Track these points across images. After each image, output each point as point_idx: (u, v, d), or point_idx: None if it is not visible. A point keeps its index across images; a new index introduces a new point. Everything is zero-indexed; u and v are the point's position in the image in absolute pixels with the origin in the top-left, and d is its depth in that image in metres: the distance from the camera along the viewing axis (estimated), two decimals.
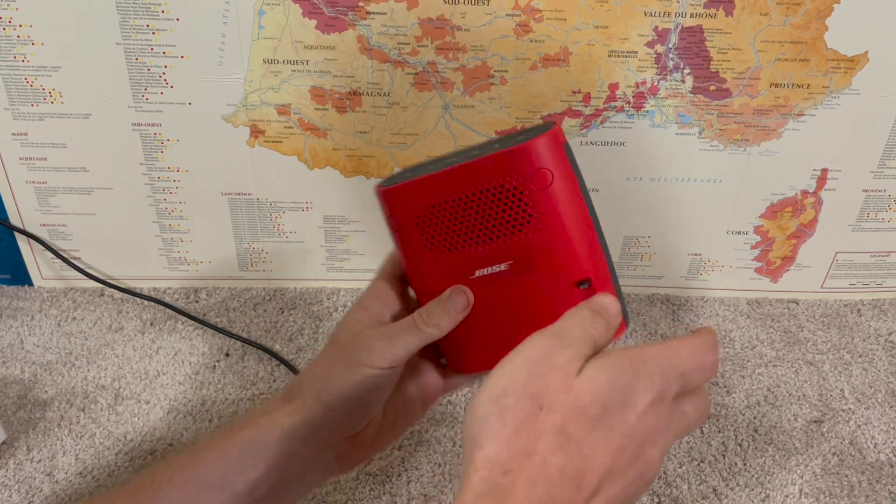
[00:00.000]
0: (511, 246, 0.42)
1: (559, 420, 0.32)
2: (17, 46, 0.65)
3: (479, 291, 0.44)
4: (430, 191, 0.43)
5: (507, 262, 0.43)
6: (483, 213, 0.42)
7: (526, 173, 0.40)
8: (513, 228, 0.42)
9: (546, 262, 0.42)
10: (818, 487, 0.62)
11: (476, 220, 0.42)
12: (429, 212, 0.44)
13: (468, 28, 0.65)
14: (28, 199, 0.75)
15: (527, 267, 0.42)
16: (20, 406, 0.66)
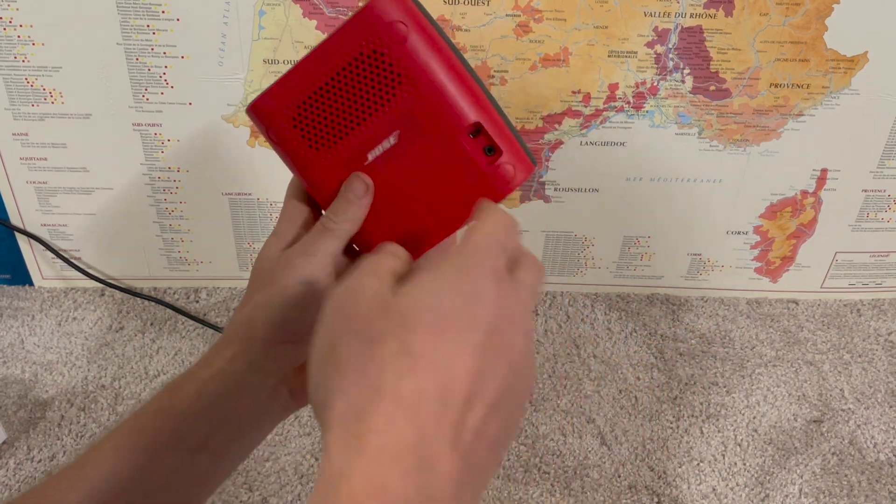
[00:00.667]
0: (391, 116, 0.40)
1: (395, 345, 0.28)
2: (17, 46, 0.65)
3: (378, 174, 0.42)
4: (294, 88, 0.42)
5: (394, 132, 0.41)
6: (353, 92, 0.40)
7: (379, 32, 0.39)
8: (386, 96, 0.40)
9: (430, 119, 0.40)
10: (818, 487, 0.62)
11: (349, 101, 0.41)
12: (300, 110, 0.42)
13: (468, 28, 0.65)
14: (28, 199, 0.75)
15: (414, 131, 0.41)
16: (21, 406, 0.67)
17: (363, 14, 0.39)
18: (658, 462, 0.63)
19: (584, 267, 0.81)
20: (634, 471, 0.62)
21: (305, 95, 0.41)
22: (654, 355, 0.74)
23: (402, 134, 0.41)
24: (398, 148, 0.41)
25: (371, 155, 0.42)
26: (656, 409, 0.68)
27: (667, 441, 0.65)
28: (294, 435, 0.65)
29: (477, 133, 0.40)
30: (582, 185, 0.75)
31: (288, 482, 0.61)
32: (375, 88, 0.40)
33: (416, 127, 0.41)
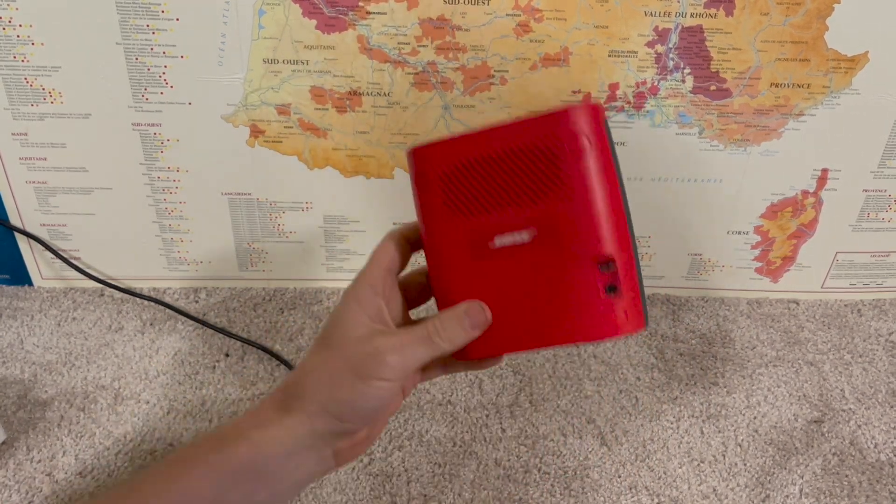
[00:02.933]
0: (535, 213, 0.41)
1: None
2: (17, 46, 0.65)
3: (496, 262, 0.42)
4: (461, 150, 0.42)
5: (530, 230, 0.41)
6: (512, 176, 0.41)
7: (563, 136, 0.39)
8: (540, 194, 0.40)
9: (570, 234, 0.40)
10: (818, 487, 0.62)
11: (504, 183, 0.41)
12: (456, 171, 0.43)
13: (468, 28, 0.65)
14: (28, 199, 0.75)
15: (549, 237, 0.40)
16: (20, 406, 0.66)
17: (557, 115, 0.40)
18: (658, 462, 0.63)
19: None
20: (634, 471, 0.62)
21: (467, 160, 0.42)
22: (655, 355, 0.74)
23: (538, 235, 0.41)
24: (527, 246, 0.41)
25: (499, 241, 0.42)
26: (657, 410, 0.68)
27: (667, 441, 0.65)
28: None
29: (608, 267, 0.40)
30: None
31: None
32: (534, 183, 0.40)
33: (554, 234, 0.40)
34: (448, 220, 0.43)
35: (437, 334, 0.42)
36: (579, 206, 0.40)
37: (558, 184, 0.40)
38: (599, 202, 0.40)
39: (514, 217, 0.41)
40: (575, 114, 0.39)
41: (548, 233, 0.40)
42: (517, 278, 0.41)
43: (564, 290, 0.40)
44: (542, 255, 0.41)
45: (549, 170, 0.40)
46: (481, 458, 0.63)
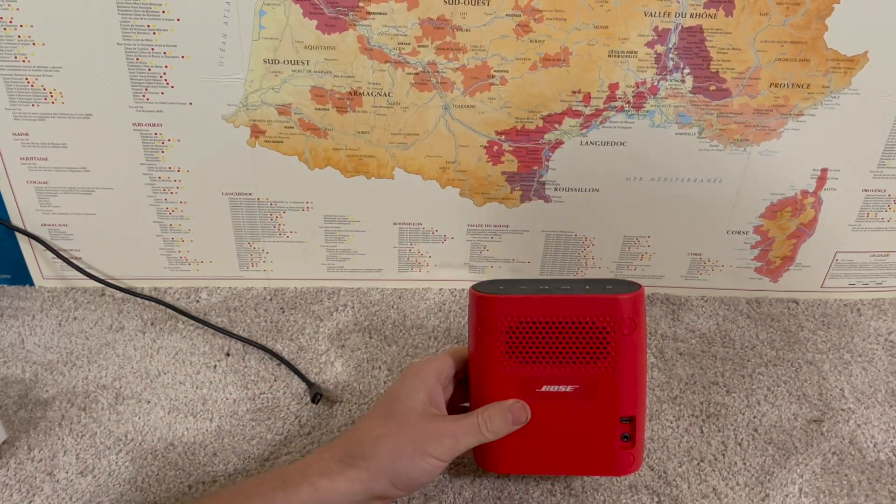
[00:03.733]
0: (582, 373, 0.50)
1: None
2: (17, 46, 0.65)
3: (538, 404, 0.51)
4: (526, 308, 0.51)
5: (574, 385, 0.50)
6: (569, 341, 0.50)
7: (618, 318, 0.49)
8: (589, 359, 0.50)
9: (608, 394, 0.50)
10: (818, 487, 0.62)
11: (559, 343, 0.50)
12: (520, 325, 0.51)
13: (468, 28, 0.65)
14: (29, 199, 0.75)
15: (589, 393, 0.50)
16: (21, 405, 0.67)
17: (619, 300, 0.50)
18: (658, 462, 0.63)
19: (584, 266, 0.81)
20: None
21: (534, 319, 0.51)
22: (655, 355, 0.74)
23: (579, 390, 0.51)
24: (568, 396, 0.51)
25: (545, 388, 0.51)
26: (656, 409, 0.68)
27: (667, 440, 0.65)
28: (294, 435, 0.65)
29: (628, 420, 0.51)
30: (582, 185, 0.75)
31: None
32: (586, 349, 0.50)
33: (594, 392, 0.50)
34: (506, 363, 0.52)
35: (484, 426, 0.51)
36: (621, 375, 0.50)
37: (605, 353, 0.50)
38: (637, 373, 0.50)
39: (563, 373, 0.50)
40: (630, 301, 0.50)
41: (589, 390, 0.50)
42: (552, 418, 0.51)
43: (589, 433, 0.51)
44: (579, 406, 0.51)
45: (601, 342, 0.50)
46: None
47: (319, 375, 0.71)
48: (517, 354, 0.51)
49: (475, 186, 0.75)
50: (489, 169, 0.74)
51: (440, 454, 0.49)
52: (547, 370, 0.51)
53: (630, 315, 0.49)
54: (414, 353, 0.73)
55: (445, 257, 0.80)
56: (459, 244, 0.79)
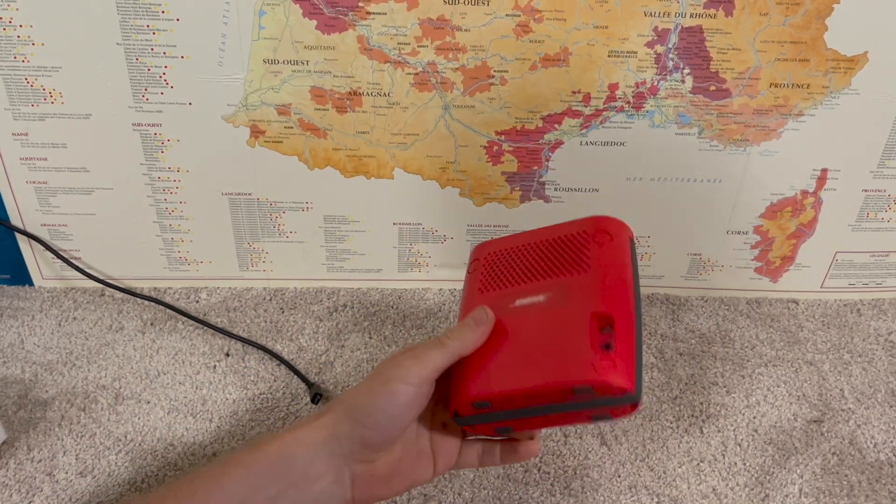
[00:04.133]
0: (555, 283, 0.47)
1: None
2: (17, 47, 0.65)
3: (511, 317, 0.47)
4: (506, 244, 0.51)
5: (547, 293, 0.47)
6: (544, 257, 0.49)
7: (592, 231, 0.49)
8: (563, 269, 0.48)
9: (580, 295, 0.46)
10: (818, 487, 0.62)
11: (535, 263, 0.49)
12: (499, 256, 0.51)
13: (468, 28, 0.65)
14: (28, 200, 0.75)
15: (562, 298, 0.46)
16: (21, 406, 0.67)
17: (592, 218, 0.49)
18: (658, 462, 0.63)
19: None
20: (634, 471, 0.62)
21: (509, 247, 0.51)
22: (654, 355, 0.74)
23: (552, 296, 0.47)
24: (541, 304, 0.47)
25: (519, 302, 0.48)
26: (656, 409, 0.68)
27: (667, 441, 0.65)
28: None
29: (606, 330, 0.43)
30: (582, 185, 0.75)
31: None
32: (560, 262, 0.48)
33: (565, 296, 0.46)
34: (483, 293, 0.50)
35: (446, 336, 0.46)
36: (591, 275, 0.46)
37: (578, 262, 0.47)
38: (608, 274, 0.46)
39: (536, 287, 0.48)
40: (606, 219, 0.49)
41: (561, 294, 0.46)
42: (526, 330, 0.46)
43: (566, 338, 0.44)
44: (552, 311, 0.46)
45: (574, 252, 0.48)
46: None
47: (319, 375, 0.71)
48: (491, 282, 0.50)
49: (475, 186, 0.75)
50: (489, 169, 0.73)
51: (403, 376, 0.44)
52: (519, 288, 0.48)
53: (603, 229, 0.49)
54: None
55: (445, 257, 0.80)
56: (459, 244, 0.79)
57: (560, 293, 0.46)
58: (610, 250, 0.47)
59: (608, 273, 0.46)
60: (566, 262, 0.48)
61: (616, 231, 0.49)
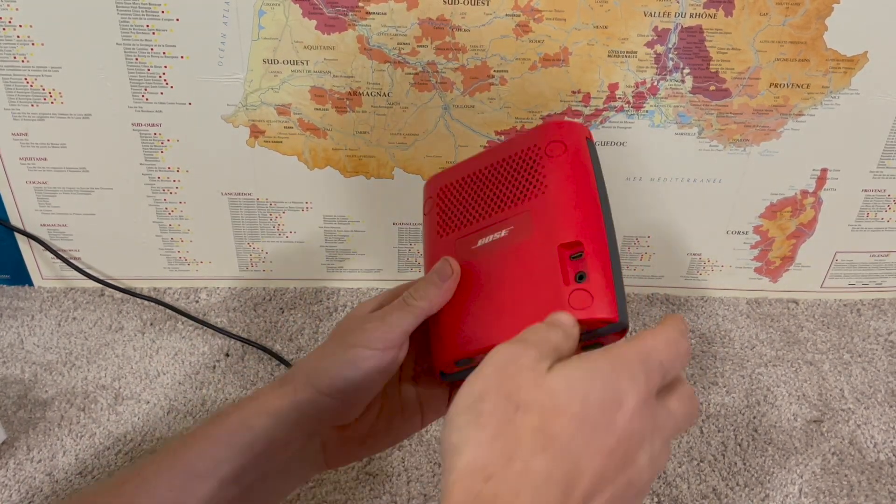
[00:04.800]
0: (513, 212, 0.43)
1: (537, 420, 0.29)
2: (17, 47, 0.65)
3: (477, 260, 0.43)
4: (457, 172, 0.46)
5: (508, 228, 0.43)
6: (497, 183, 0.44)
7: (543, 143, 0.43)
8: (520, 195, 0.43)
9: (542, 223, 0.41)
10: (818, 487, 0.62)
11: (489, 192, 0.44)
12: (449, 191, 0.46)
13: (468, 28, 0.65)
14: (28, 200, 0.75)
15: (524, 230, 0.42)
16: (20, 406, 0.67)
17: (540, 127, 0.44)
18: None
19: None
20: None
21: (460, 177, 0.46)
22: None
23: (514, 229, 0.43)
24: (504, 240, 0.43)
25: (480, 242, 0.44)
26: None
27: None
28: None
29: (577, 257, 0.40)
30: None
31: None
32: (514, 186, 0.43)
33: (527, 226, 0.42)
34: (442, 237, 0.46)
35: (410, 296, 0.43)
36: (551, 197, 0.42)
37: (535, 183, 0.43)
38: (569, 193, 0.42)
39: (496, 220, 0.43)
40: (555, 125, 0.44)
41: (522, 226, 0.42)
42: (495, 274, 0.42)
43: (537, 277, 0.41)
44: (517, 247, 0.42)
45: (529, 172, 0.43)
46: None
47: None
48: (449, 222, 0.46)
49: None
50: None
51: (366, 341, 0.41)
52: (479, 224, 0.44)
53: (555, 139, 0.43)
54: None
55: None
56: None
57: (521, 224, 0.42)
58: (566, 162, 0.42)
59: (568, 191, 0.42)
60: (521, 186, 0.43)
61: (570, 137, 0.43)
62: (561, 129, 0.44)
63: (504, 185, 0.44)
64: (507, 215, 0.43)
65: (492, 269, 0.42)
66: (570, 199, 0.41)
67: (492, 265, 0.43)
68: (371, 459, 0.63)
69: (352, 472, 0.62)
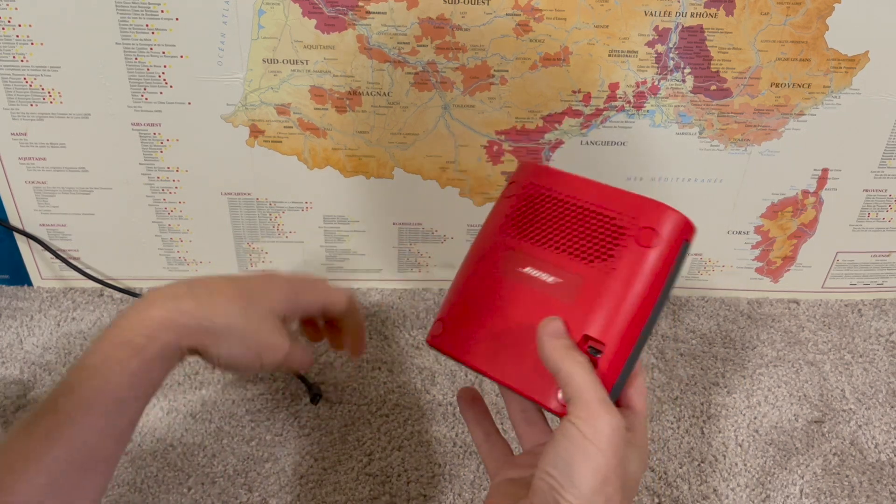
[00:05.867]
0: (572, 267, 0.42)
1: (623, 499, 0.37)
2: (16, 46, 0.65)
3: (512, 285, 0.43)
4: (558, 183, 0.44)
5: (557, 279, 0.42)
6: (577, 226, 0.42)
7: (641, 223, 0.41)
8: (588, 255, 0.42)
9: (585, 301, 0.40)
10: (819, 488, 0.62)
11: (566, 227, 0.43)
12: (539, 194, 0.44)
13: (468, 27, 0.65)
14: (27, 199, 0.74)
15: (568, 294, 0.41)
16: (19, 406, 0.66)
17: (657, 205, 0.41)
18: (658, 462, 0.63)
19: None
20: None
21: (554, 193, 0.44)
22: (655, 355, 0.74)
23: (560, 285, 0.42)
24: (546, 286, 0.42)
25: (528, 270, 0.43)
26: (657, 410, 0.68)
27: (667, 441, 0.65)
28: (293, 436, 0.65)
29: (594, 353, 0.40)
30: None
31: (287, 483, 0.61)
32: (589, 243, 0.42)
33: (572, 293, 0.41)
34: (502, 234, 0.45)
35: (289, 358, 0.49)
36: (609, 282, 0.40)
37: (607, 256, 0.41)
38: (626, 293, 0.40)
39: (553, 262, 0.42)
40: (668, 212, 0.41)
41: (569, 287, 0.41)
42: (521, 309, 0.42)
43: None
44: (551, 303, 0.41)
45: (609, 241, 0.41)
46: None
47: (319, 376, 0.70)
48: (517, 225, 0.44)
49: (475, 186, 0.75)
50: (489, 169, 0.73)
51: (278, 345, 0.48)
52: (538, 252, 0.43)
53: (653, 225, 0.40)
54: (414, 353, 0.73)
55: (445, 257, 0.80)
56: (459, 244, 0.79)
57: (569, 284, 0.41)
58: (649, 259, 0.40)
59: (626, 289, 0.40)
60: (593, 247, 0.42)
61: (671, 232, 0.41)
62: (665, 217, 0.41)
63: (581, 234, 0.42)
64: (565, 265, 0.42)
65: (520, 301, 0.42)
66: (623, 298, 0.40)
67: (523, 298, 0.42)
68: (371, 460, 0.63)
69: (351, 472, 0.62)
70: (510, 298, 0.43)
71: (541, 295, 0.42)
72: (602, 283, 0.40)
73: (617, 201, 0.42)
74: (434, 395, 0.69)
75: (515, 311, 0.42)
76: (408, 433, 0.65)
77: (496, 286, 0.44)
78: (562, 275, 0.42)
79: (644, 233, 0.40)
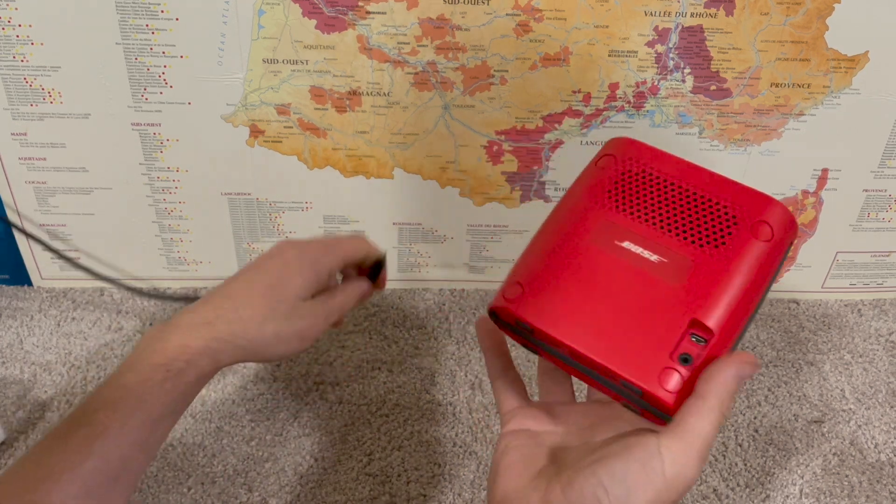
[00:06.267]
0: (679, 249, 0.40)
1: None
2: (16, 46, 0.65)
3: (605, 258, 0.40)
4: (664, 163, 0.43)
5: (661, 258, 0.40)
6: (687, 211, 0.41)
7: (756, 217, 0.40)
8: (697, 239, 0.40)
9: (700, 285, 0.38)
10: (818, 488, 0.62)
11: (674, 212, 0.41)
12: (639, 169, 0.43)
13: (468, 28, 0.65)
14: (27, 199, 0.74)
15: (672, 274, 0.39)
16: (20, 406, 0.66)
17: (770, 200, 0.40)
18: None
19: None
20: None
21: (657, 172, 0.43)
22: None
23: (665, 264, 0.40)
24: (649, 264, 0.40)
25: (628, 245, 0.41)
26: None
27: None
28: (293, 435, 0.65)
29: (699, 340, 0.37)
30: None
31: (287, 483, 0.61)
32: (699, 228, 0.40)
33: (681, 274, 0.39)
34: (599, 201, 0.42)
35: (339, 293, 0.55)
36: (722, 270, 0.39)
37: (719, 243, 0.39)
38: (740, 283, 0.38)
39: (657, 239, 0.40)
40: (781, 207, 0.40)
41: (676, 269, 0.39)
42: (617, 283, 0.40)
43: (650, 325, 0.38)
44: (655, 282, 0.39)
45: (723, 228, 0.40)
46: (481, 458, 0.63)
47: (319, 375, 0.70)
48: (611, 200, 0.42)
49: (475, 186, 0.75)
50: (489, 169, 0.73)
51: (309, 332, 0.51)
52: (640, 228, 0.41)
53: (768, 220, 0.39)
54: (414, 353, 0.73)
55: (445, 257, 0.80)
56: (459, 244, 0.79)
57: (677, 265, 0.39)
58: (761, 253, 0.39)
59: (740, 279, 0.38)
60: (705, 233, 0.40)
61: (783, 231, 0.40)
62: (780, 214, 0.40)
63: (689, 218, 0.41)
64: (671, 245, 0.40)
65: (618, 276, 0.40)
66: (737, 289, 0.38)
67: (621, 273, 0.40)
68: (371, 460, 0.63)
69: (351, 472, 0.62)
70: (607, 272, 0.40)
71: (643, 272, 0.39)
72: (715, 269, 0.39)
73: (729, 190, 0.41)
74: (434, 395, 0.69)
75: (613, 286, 0.40)
76: (408, 433, 0.65)
77: (589, 256, 0.41)
78: (667, 255, 0.40)
79: (760, 226, 0.39)
